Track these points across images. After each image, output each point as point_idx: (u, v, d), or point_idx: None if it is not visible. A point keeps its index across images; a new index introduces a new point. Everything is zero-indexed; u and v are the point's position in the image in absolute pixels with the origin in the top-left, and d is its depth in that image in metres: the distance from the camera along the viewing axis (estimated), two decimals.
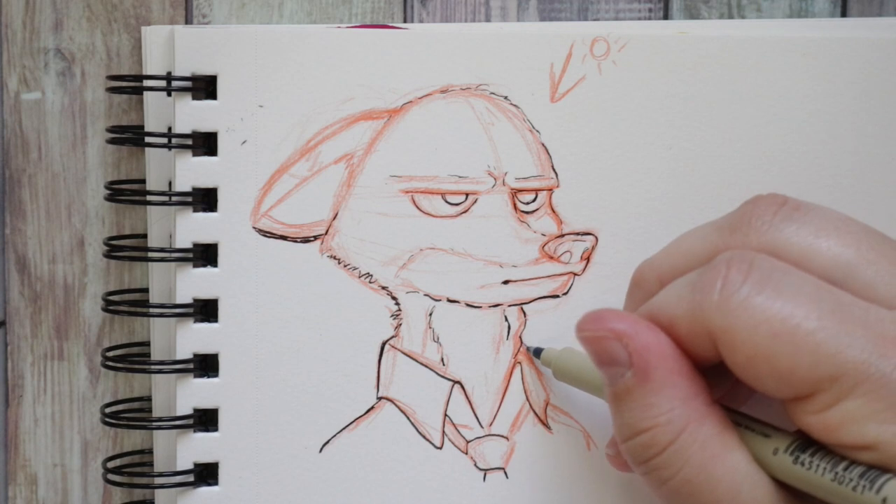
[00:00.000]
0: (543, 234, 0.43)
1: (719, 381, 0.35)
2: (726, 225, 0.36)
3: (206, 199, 0.42)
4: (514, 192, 0.43)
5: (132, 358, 0.44)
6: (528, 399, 0.44)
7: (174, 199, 0.42)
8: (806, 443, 0.33)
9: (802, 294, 0.32)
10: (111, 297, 0.44)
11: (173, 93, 0.42)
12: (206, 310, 0.42)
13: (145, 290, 0.45)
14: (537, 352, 0.43)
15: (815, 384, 0.31)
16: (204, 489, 0.43)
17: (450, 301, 0.43)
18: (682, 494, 0.33)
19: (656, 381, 0.34)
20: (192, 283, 0.42)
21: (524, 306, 0.44)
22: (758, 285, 0.32)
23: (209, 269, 0.42)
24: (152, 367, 0.43)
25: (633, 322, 0.35)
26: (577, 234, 0.44)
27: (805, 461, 0.32)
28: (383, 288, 0.43)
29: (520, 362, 0.44)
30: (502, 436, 0.44)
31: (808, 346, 0.31)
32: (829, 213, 0.35)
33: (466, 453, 0.44)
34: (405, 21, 0.46)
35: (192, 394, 0.42)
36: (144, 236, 0.44)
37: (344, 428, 0.43)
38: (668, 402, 0.33)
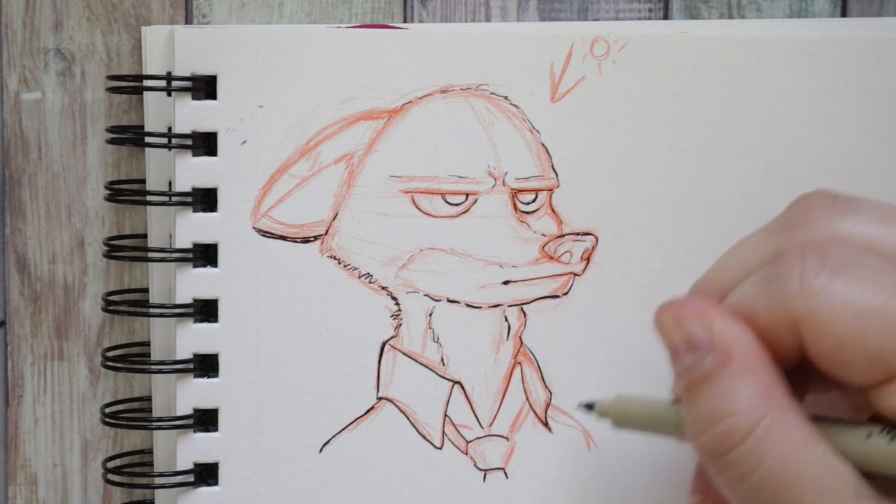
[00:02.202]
0: (543, 235, 0.43)
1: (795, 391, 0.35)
2: (780, 226, 0.35)
3: (206, 199, 0.42)
4: (514, 193, 0.43)
5: (132, 358, 0.44)
6: (528, 399, 0.44)
7: (174, 199, 0.42)
8: None
9: (883, 274, 0.32)
10: (111, 297, 0.44)
11: (173, 93, 0.42)
12: (206, 310, 0.42)
13: (145, 290, 0.45)
14: (590, 406, 0.42)
15: None
16: (204, 489, 0.43)
17: (450, 301, 0.43)
18: (764, 490, 0.32)
19: (738, 364, 0.33)
20: (192, 283, 0.42)
21: (524, 306, 0.44)
22: (838, 269, 0.32)
23: (209, 269, 0.42)
24: (152, 367, 0.43)
25: (714, 307, 0.34)
26: (577, 234, 0.44)
27: None
28: (383, 288, 0.43)
29: (520, 362, 0.44)
30: (502, 436, 0.44)
31: None
32: (881, 204, 0.35)
33: (466, 453, 0.44)
34: (405, 21, 0.46)
35: (192, 394, 0.42)
36: (144, 236, 0.44)
37: (344, 428, 0.43)
38: (748, 388, 0.33)
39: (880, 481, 0.32)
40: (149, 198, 0.43)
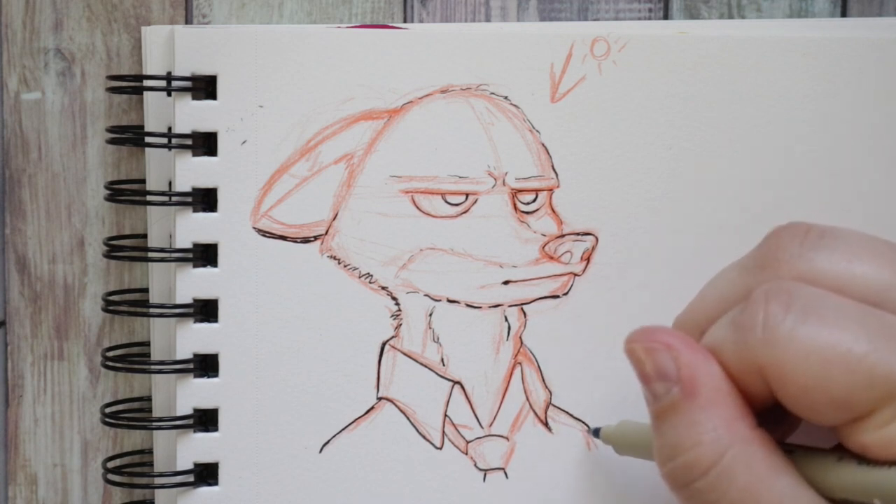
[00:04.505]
0: (543, 235, 0.43)
1: (774, 421, 0.35)
2: (753, 263, 0.35)
3: (206, 199, 0.42)
4: (515, 193, 0.43)
5: (132, 358, 0.44)
6: (528, 399, 0.44)
7: (174, 199, 0.42)
8: None
9: (847, 318, 0.32)
10: (111, 297, 0.44)
11: (173, 93, 0.42)
12: (206, 310, 0.42)
13: (145, 290, 0.45)
14: (596, 432, 0.43)
15: (873, 404, 0.31)
16: (204, 489, 0.43)
17: (450, 301, 0.43)
18: None
19: (703, 397, 0.33)
20: (192, 283, 0.42)
21: (524, 306, 0.44)
22: (801, 315, 0.32)
23: (209, 269, 0.42)
24: (152, 367, 0.43)
25: (683, 338, 0.34)
26: (577, 234, 0.44)
27: (869, 462, 0.32)
28: (383, 288, 0.43)
29: (520, 362, 0.44)
30: (502, 436, 0.44)
31: (862, 370, 0.31)
32: (857, 236, 0.34)
33: (466, 453, 0.44)
34: (405, 21, 0.46)
35: (192, 394, 0.42)
36: (144, 236, 0.44)
37: (344, 428, 0.43)
38: (713, 420, 0.33)
39: None
40: (149, 198, 0.43)
